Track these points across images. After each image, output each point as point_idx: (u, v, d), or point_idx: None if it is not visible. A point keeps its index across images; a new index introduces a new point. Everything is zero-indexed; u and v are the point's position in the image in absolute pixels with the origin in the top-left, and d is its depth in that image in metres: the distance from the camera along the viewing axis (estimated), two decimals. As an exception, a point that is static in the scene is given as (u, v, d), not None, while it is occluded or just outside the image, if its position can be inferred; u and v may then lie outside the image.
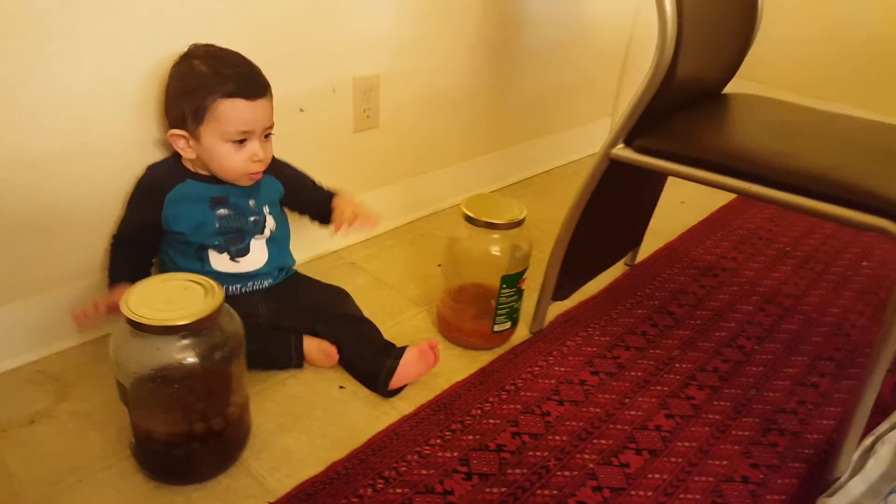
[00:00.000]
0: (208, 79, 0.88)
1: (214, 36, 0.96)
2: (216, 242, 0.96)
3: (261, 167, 0.95)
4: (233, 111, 0.89)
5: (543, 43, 1.61)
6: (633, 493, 0.86)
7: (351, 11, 1.18)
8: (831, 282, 1.40)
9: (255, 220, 0.99)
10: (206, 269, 0.97)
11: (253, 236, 0.99)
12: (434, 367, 1.00)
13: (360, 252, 1.36)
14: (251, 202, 0.98)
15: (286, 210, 1.08)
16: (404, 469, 0.86)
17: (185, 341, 0.75)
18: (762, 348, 1.16)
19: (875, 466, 0.88)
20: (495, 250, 1.04)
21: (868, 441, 0.92)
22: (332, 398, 0.97)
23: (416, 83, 1.36)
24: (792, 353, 1.16)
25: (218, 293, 0.77)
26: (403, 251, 1.38)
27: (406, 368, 0.96)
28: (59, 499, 0.79)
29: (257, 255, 1.00)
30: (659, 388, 1.04)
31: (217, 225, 0.95)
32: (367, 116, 1.29)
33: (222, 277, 0.96)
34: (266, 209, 1.00)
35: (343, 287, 1.10)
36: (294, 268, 1.10)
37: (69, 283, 1.00)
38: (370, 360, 0.97)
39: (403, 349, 0.97)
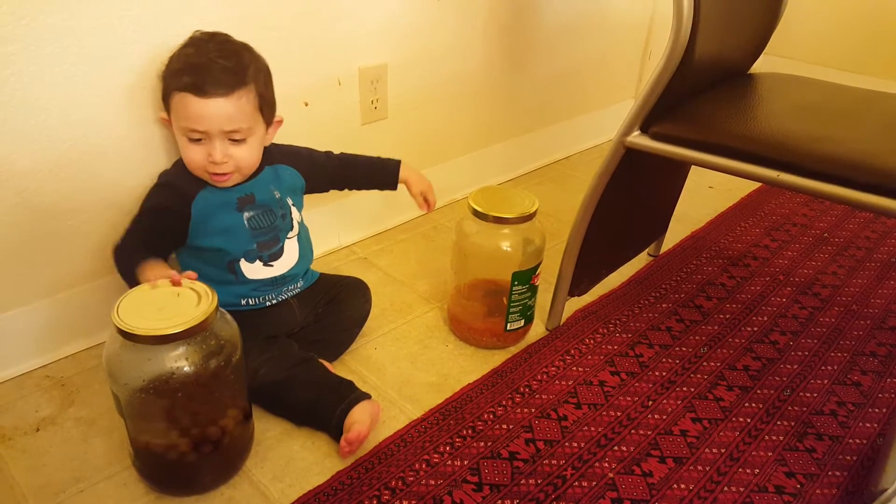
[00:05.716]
0: (175, 66, 0.83)
1: (212, 27, 0.92)
2: (248, 249, 0.91)
3: (220, 170, 0.85)
4: (182, 106, 0.82)
5: (560, 22, 1.57)
6: (655, 504, 0.81)
7: (354, -2, 1.15)
8: (874, 270, 1.33)
9: (283, 215, 0.94)
10: (240, 281, 0.92)
11: (286, 234, 0.95)
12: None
13: (371, 247, 1.34)
14: (276, 193, 0.93)
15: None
16: (411, 479, 0.83)
17: (179, 350, 0.73)
18: (797, 344, 1.11)
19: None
20: (506, 246, 0.99)
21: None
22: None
23: (425, 71, 1.33)
24: (830, 348, 1.10)
25: (212, 298, 0.75)
26: (415, 245, 1.36)
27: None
28: (61, 509, 0.79)
29: (290, 256, 0.96)
30: (685, 388, 1.00)
31: (247, 226, 0.90)
32: (376, 108, 1.27)
33: (259, 287, 0.93)
34: (289, 200, 0.95)
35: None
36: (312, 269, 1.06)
37: (78, 286, 1.00)
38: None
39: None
